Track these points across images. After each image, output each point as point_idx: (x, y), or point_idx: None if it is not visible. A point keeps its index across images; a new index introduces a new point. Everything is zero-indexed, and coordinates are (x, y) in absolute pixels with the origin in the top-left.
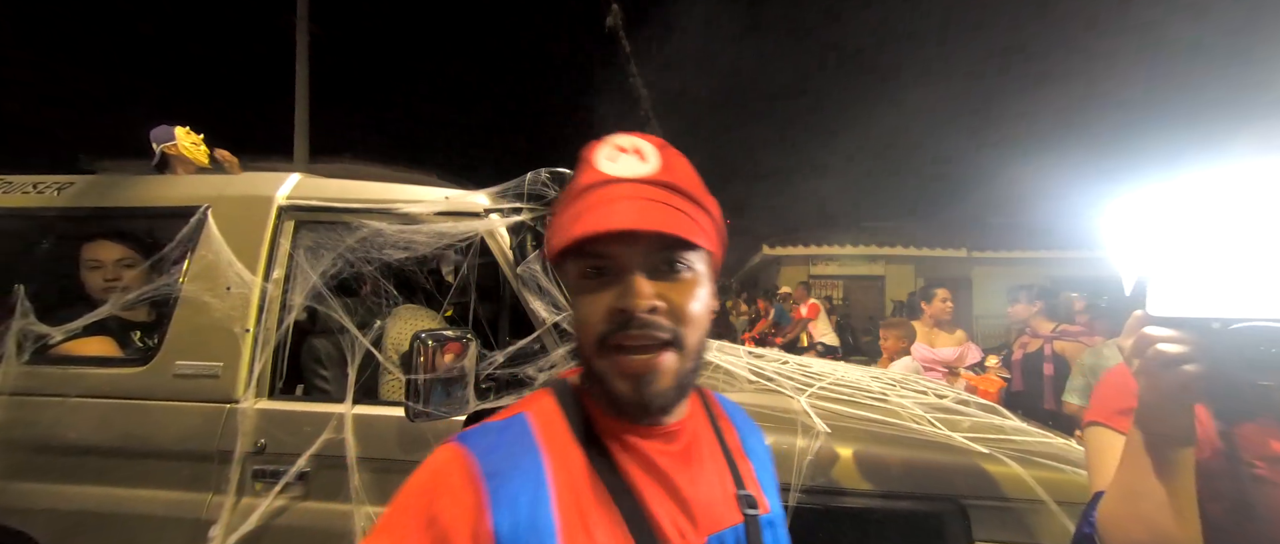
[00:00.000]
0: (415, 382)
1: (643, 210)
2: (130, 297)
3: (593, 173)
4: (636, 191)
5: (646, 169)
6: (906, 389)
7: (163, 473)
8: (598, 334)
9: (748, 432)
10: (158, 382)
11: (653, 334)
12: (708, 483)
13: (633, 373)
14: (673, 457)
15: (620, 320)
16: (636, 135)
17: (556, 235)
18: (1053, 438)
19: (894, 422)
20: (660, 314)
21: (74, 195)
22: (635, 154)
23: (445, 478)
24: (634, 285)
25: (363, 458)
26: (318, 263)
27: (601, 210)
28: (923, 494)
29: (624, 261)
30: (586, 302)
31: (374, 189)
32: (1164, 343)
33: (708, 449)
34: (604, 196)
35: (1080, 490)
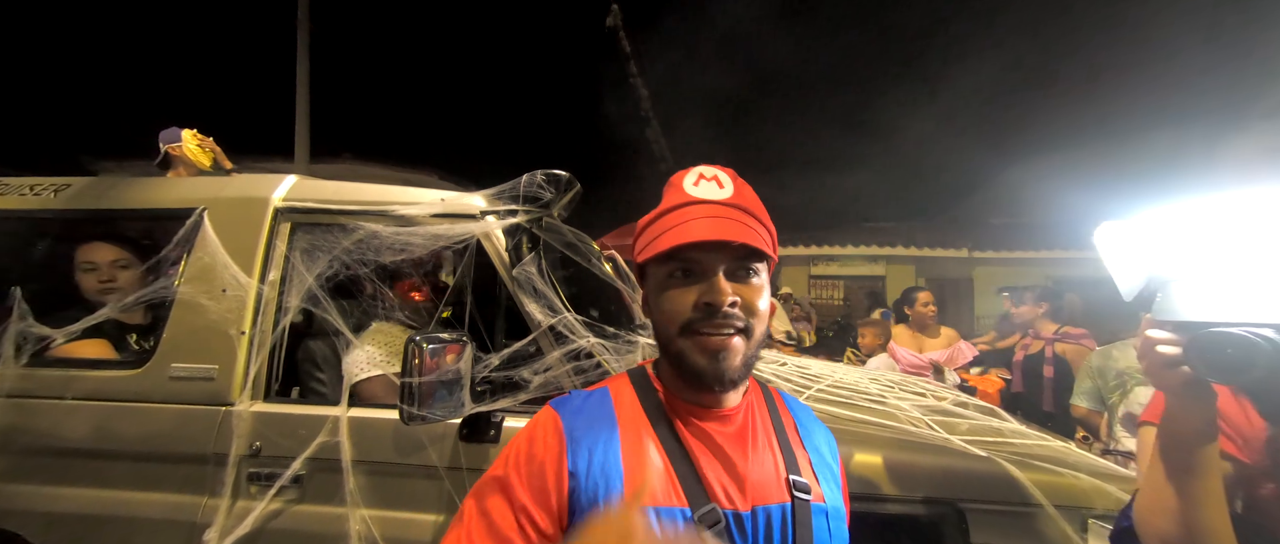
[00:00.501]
0: (411, 384)
1: (727, 226)
2: (129, 299)
3: (682, 194)
4: (718, 211)
5: (725, 194)
6: (905, 391)
7: (158, 475)
8: (684, 321)
9: (811, 428)
10: (153, 384)
11: (732, 323)
12: (760, 463)
13: (713, 350)
14: (728, 436)
15: (707, 311)
16: (716, 167)
17: (652, 243)
18: (1051, 440)
19: (892, 424)
20: (737, 308)
21: (70, 197)
22: (715, 182)
23: (541, 429)
24: (720, 284)
25: (358, 461)
26: (314, 265)
27: (695, 224)
28: (920, 498)
29: (709, 265)
30: (675, 296)
31: (370, 191)
32: (1162, 345)
33: (764, 435)
34: (694, 214)
35: (1078, 494)
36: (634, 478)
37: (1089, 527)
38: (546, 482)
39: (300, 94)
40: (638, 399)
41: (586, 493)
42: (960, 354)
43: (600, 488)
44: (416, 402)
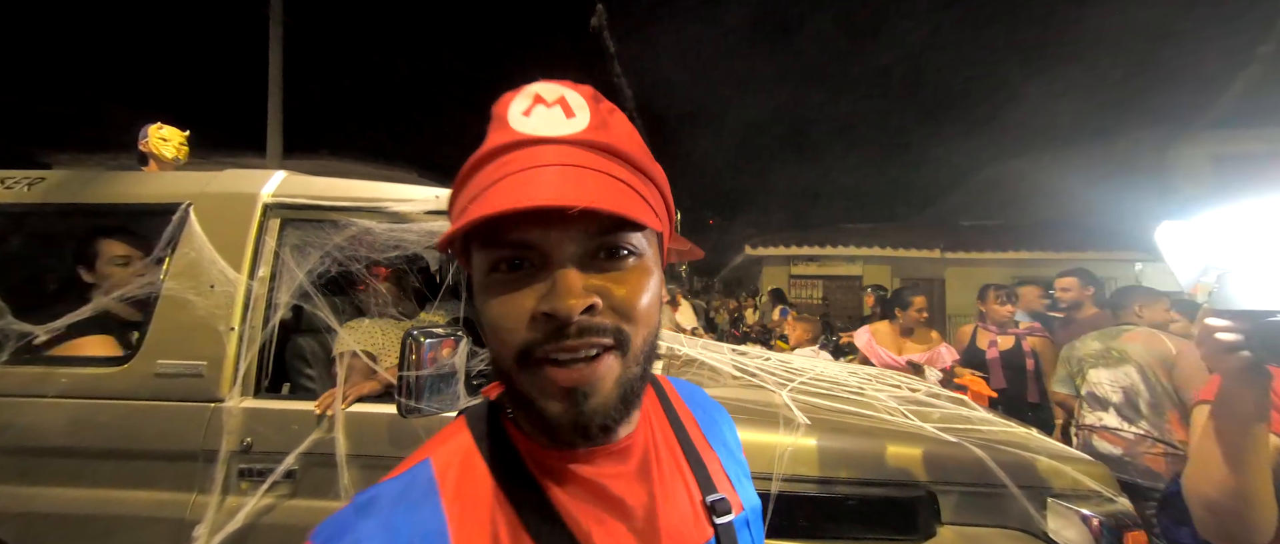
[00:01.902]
0: (407, 378)
1: (574, 181)
2: (113, 295)
3: (505, 131)
4: (563, 155)
5: (575, 126)
6: (882, 383)
7: (144, 473)
8: (520, 345)
9: (711, 417)
10: (139, 381)
11: (593, 339)
12: (672, 500)
13: (568, 386)
14: (627, 479)
15: (550, 327)
16: (563, 83)
17: (462, 212)
18: (1015, 427)
19: (870, 414)
20: (599, 313)
21: (47, 191)
22: (559, 106)
23: None
24: (565, 282)
25: (353, 455)
26: (304, 261)
27: (518, 181)
28: (894, 481)
29: (550, 250)
30: (501, 303)
31: (362, 187)
32: (1220, 332)
33: (667, 455)
34: (519, 161)
35: (1040, 475)
36: None
37: (1048, 505)
38: None
39: (273, 89)
40: (484, 465)
41: None
42: (940, 357)
43: None
44: (413, 395)
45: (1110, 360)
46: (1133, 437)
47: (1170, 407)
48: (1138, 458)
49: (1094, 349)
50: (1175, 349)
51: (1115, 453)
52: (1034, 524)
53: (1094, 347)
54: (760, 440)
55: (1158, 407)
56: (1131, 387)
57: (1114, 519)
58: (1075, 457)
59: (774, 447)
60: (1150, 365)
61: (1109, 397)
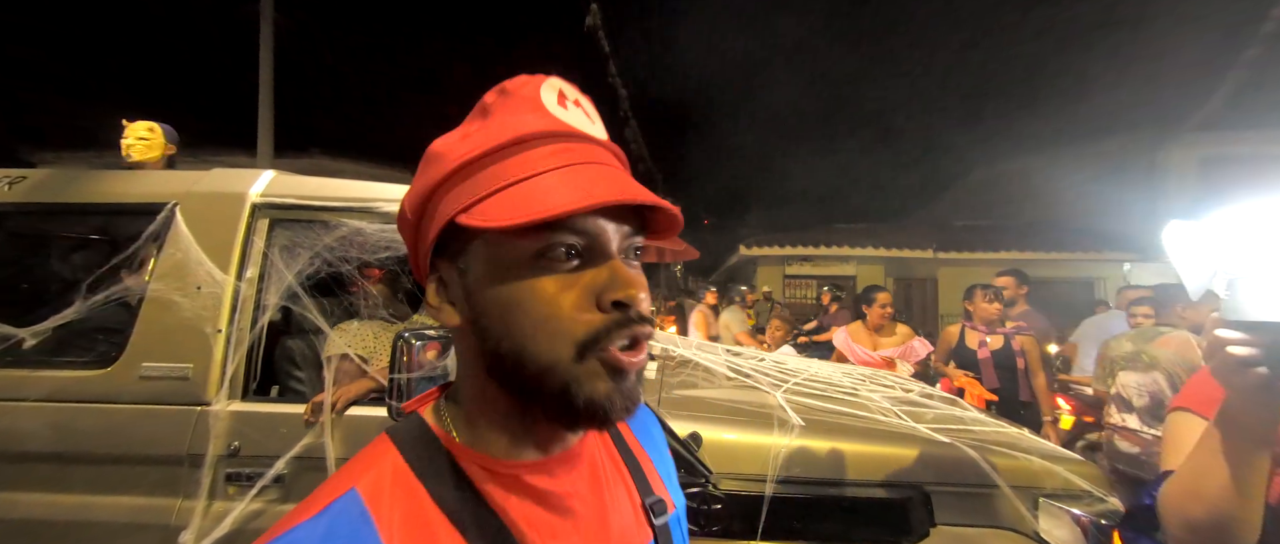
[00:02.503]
0: (398, 381)
1: (628, 182)
2: (98, 297)
3: (547, 118)
4: (604, 156)
5: (600, 132)
6: (875, 384)
7: (127, 478)
8: (587, 333)
9: (640, 419)
10: (123, 384)
11: (648, 329)
12: (617, 505)
13: (626, 371)
14: (577, 485)
15: (621, 315)
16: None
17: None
18: (1007, 427)
19: (864, 414)
20: (645, 303)
21: (29, 190)
22: (579, 107)
23: None
24: (629, 274)
25: (343, 459)
26: (293, 262)
27: (593, 173)
28: (889, 482)
29: (607, 243)
30: (555, 289)
31: (353, 187)
32: (1233, 345)
33: (608, 461)
34: (579, 154)
35: (1031, 476)
36: None
37: (1040, 505)
38: None
39: (264, 87)
40: (422, 490)
41: None
42: (914, 351)
43: None
44: (404, 398)
45: (1140, 364)
46: (1150, 438)
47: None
48: (1153, 458)
49: (1126, 351)
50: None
51: (1134, 452)
52: (1026, 524)
53: (1126, 349)
54: (755, 442)
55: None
56: (1158, 392)
57: (1105, 519)
58: (1066, 457)
59: (768, 448)
60: (1179, 372)
61: (1133, 400)
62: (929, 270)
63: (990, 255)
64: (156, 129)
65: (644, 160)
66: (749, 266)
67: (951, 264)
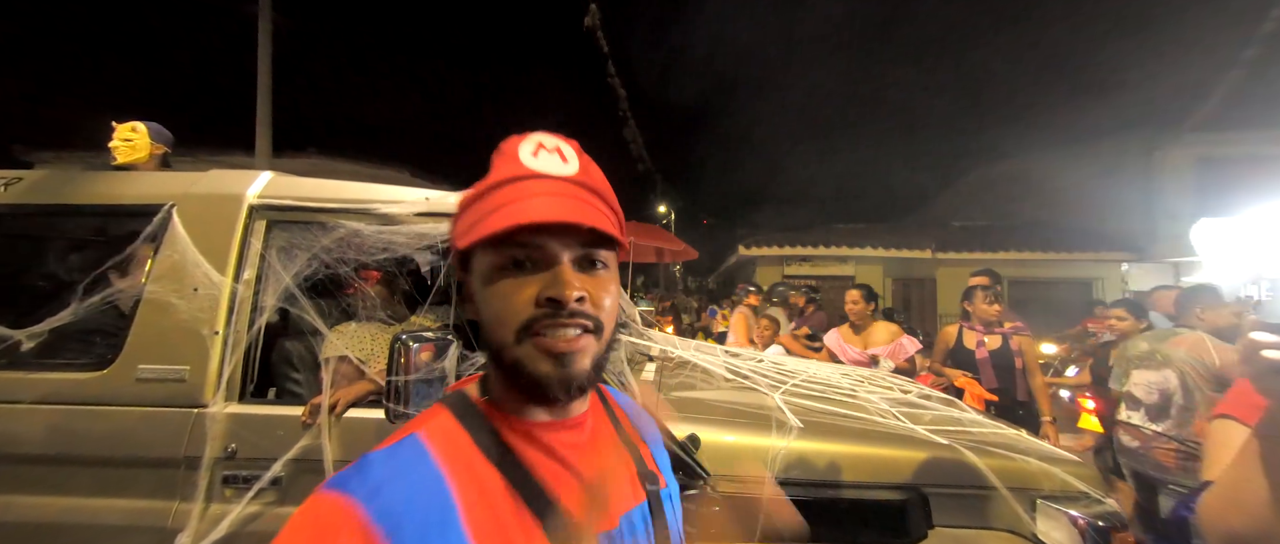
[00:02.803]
0: (396, 383)
1: (574, 206)
2: (95, 298)
3: (516, 166)
4: (562, 188)
5: (569, 170)
6: (873, 385)
7: (123, 480)
8: (522, 321)
9: (638, 418)
10: (119, 386)
11: (579, 321)
12: (613, 470)
13: (558, 353)
14: (581, 447)
15: (552, 307)
16: (557, 136)
17: (478, 224)
18: (1005, 428)
19: (862, 416)
20: (586, 303)
21: (25, 191)
22: (556, 153)
23: (325, 531)
24: (565, 275)
25: (341, 461)
26: (291, 264)
27: (535, 202)
28: (888, 484)
29: (553, 253)
30: (509, 289)
31: (351, 189)
32: (1270, 349)
33: (607, 438)
34: (531, 190)
35: (1028, 477)
36: (484, 534)
37: (1037, 506)
38: None
39: (262, 87)
40: (466, 435)
41: None
42: (902, 349)
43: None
44: (402, 400)
45: (1153, 363)
46: (1150, 433)
47: (1203, 411)
48: (1151, 452)
49: (1141, 350)
50: (1219, 359)
51: (1134, 446)
52: (1023, 526)
53: (1142, 348)
54: (753, 443)
55: (1189, 410)
56: (1167, 390)
57: (1102, 520)
58: (1064, 458)
59: (767, 449)
60: (1190, 371)
61: (1143, 398)
62: (928, 270)
63: (989, 255)
64: (141, 129)
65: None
66: (748, 266)
67: (950, 264)
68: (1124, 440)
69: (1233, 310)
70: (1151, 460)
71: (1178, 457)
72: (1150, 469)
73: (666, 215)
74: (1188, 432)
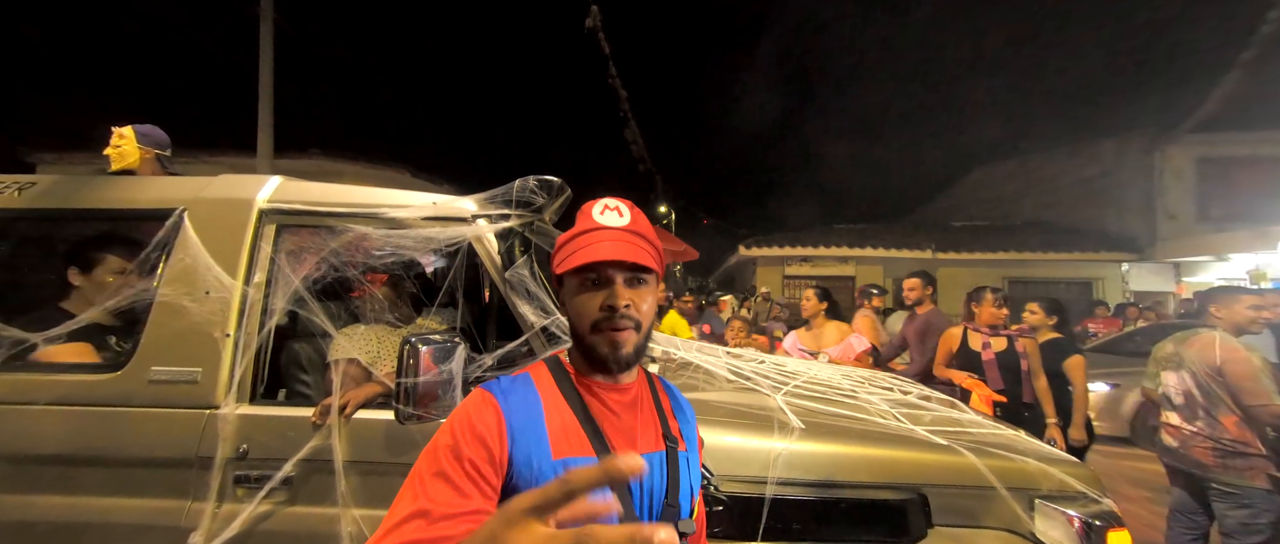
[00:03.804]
0: (405, 384)
1: (625, 249)
2: (111, 302)
3: (591, 221)
4: (619, 236)
5: (624, 222)
6: (873, 386)
7: (137, 480)
8: (593, 320)
9: (678, 402)
10: (133, 387)
11: (627, 321)
12: (645, 423)
13: (614, 341)
14: (624, 404)
15: (609, 312)
16: (619, 199)
17: (568, 258)
18: (1003, 429)
19: (862, 417)
20: (630, 309)
21: (37, 196)
22: (616, 212)
23: (479, 405)
24: (619, 291)
25: (351, 462)
26: (300, 267)
27: (601, 246)
28: (887, 484)
29: (610, 276)
30: (586, 300)
31: (359, 193)
32: None
33: (648, 404)
34: (601, 237)
35: (1028, 477)
36: (556, 438)
37: (1036, 506)
38: (490, 444)
39: (263, 88)
40: (553, 380)
41: (520, 449)
42: (850, 348)
43: (532, 445)
44: (411, 401)
45: (1175, 364)
46: (1189, 433)
47: (1224, 409)
48: (1190, 450)
49: (1167, 352)
50: (1220, 358)
51: (1174, 445)
52: (1022, 526)
53: (1168, 349)
54: (754, 445)
55: (1212, 407)
56: (1188, 390)
57: (1099, 520)
58: (1062, 459)
59: (768, 450)
60: (1201, 371)
61: (1173, 397)
62: (928, 271)
63: (989, 255)
64: (127, 134)
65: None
66: (749, 266)
67: (950, 265)
68: (1166, 441)
69: (1249, 303)
70: (1191, 459)
71: (1215, 454)
72: (1192, 467)
73: (667, 215)
74: (1219, 429)
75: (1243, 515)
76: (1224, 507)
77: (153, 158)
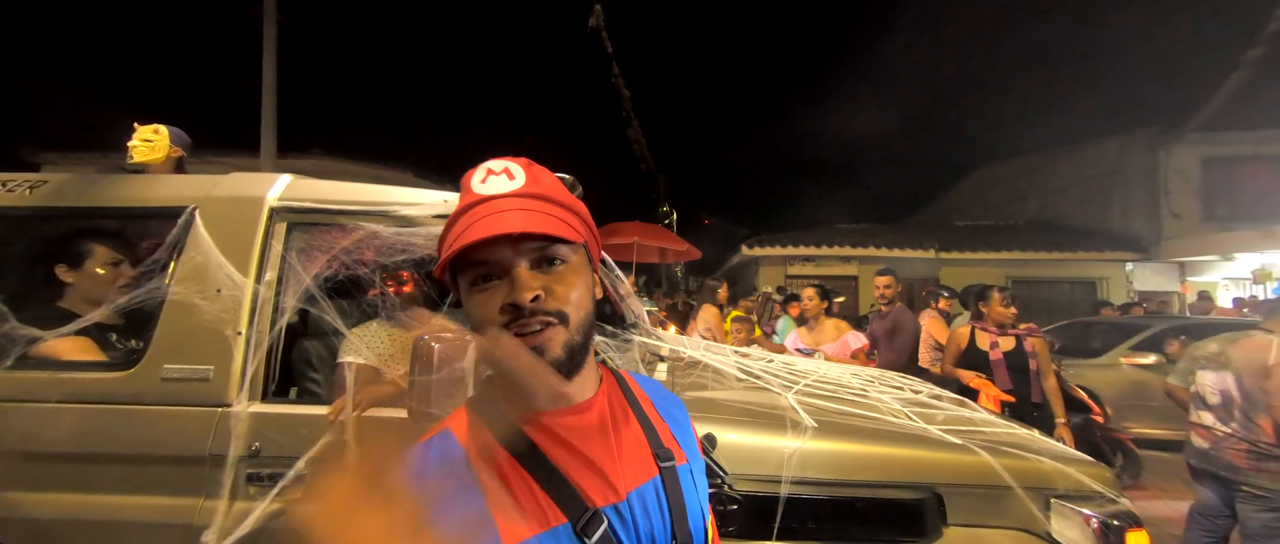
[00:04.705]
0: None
1: (511, 218)
2: (123, 300)
3: (468, 195)
4: (508, 204)
5: (515, 185)
6: (884, 385)
7: (149, 478)
8: (498, 328)
9: (663, 400)
10: (145, 385)
11: (540, 318)
12: (624, 446)
13: (530, 348)
14: (587, 430)
15: (513, 313)
16: (507, 158)
17: (443, 253)
18: (1017, 428)
19: (874, 416)
20: (543, 301)
21: (49, 194)
22: (505, 174)
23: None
24: (520, 281)
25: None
26: (311, 265)
27: (480, 224)
28: (902, 483)
29: (507, 263)
30: (480, 303)
31: (370, 191)
32: None
33: (623, 419)
34: (479, 213)
35: (1042, 477)
36: (503, 515)
37: (1052, 506)
38: None
39: (267, 88)
40: (484, 428)
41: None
42: (846, 346)
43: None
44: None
45: (1218, 364)
46: (1221, 434)
47: (1262, 412)
48: (1222, 453)
49: (1210, 351)
50: (1273, 360)
51: (1204, 447)
52: (1038, 525)
53: (1211, 349)
54: (768, 443)
55: (1250, 410)
56: (1227, 391)
57: (1117, 520)
58: (1078, 458)
59: (782, 449)
60: (1247, 372)
61: (1208, 398)
62: (931, 270)
63: (992, 255)
64: (163, 131)
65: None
66: (751, 266)
67: (953, 264)
68: (1195, 442)
69: None
70: (1223, 461)
71: (1249, 457)
72: (1222, 470)
73: (669, 215)
74: (1256, 432)
75: (1270, 518)
76: (1251, 509)
77: (175, 157)
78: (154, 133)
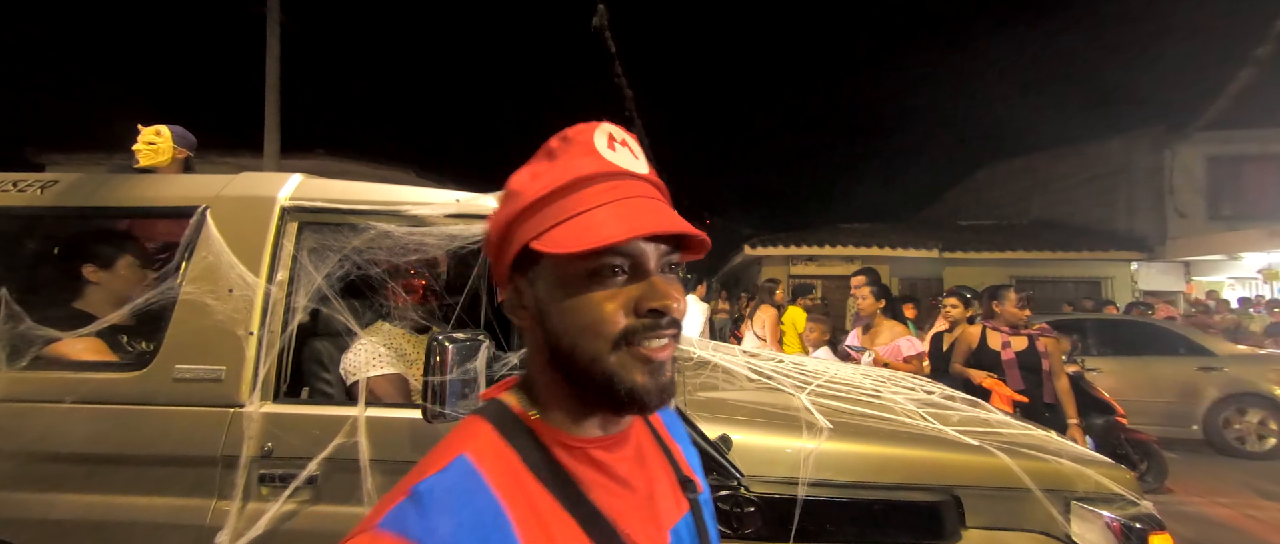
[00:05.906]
0: (431, 383)
1: (668, 213)
2: (139, 301)
3: (597, 159)
4: (647, 190)
5: (643, 167)
6: (897, 386)
7: (162, 479)
8: (620, 331)
9: (668, 415)
10: (157, 386)
11: (675, 329)
12: (658, 481)
13: (658, 363)
14: (629, 461)
15: (654, 317)
16: (607, 123)
17: (568, 225)
18: (1033, 429)
19: (889, 417)
20: (679, 308)
21: (60, 194)
22: (627, 147)
23: None
24: (665, 287)
25: (376, 460)
26: (322, 265)
27: (638, 206)
28: (920, 485)
29: (645, 261)
30: (601, 298)
31: (381, 191)
32: None
33: (648, 444)
34: (628, 190)
35: (1062, 478)
36: None
37: (1072, 508)
38: None
39: (270, 88)
40: (514, 453)
41: None
42: (897, 350)
43: None
44: (438, 399)
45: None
46: None
47: None
48: None
49: None
50: None
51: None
52: (1057, 527)
53: None
54: (783, 445)
55: None
56: None
57: (1138, 522)
58: (1098, 460)
59: (798, 451)
60: None
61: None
62: (934, 270)
63: (996, 255)
64: (165, 133)
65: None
66: (754, 266)
67: (956, 264)
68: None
69: None
70: None
71: None
72: None
73: None
74: None
75: None
76: None
77: (182, 158)
78: (156, 135)
